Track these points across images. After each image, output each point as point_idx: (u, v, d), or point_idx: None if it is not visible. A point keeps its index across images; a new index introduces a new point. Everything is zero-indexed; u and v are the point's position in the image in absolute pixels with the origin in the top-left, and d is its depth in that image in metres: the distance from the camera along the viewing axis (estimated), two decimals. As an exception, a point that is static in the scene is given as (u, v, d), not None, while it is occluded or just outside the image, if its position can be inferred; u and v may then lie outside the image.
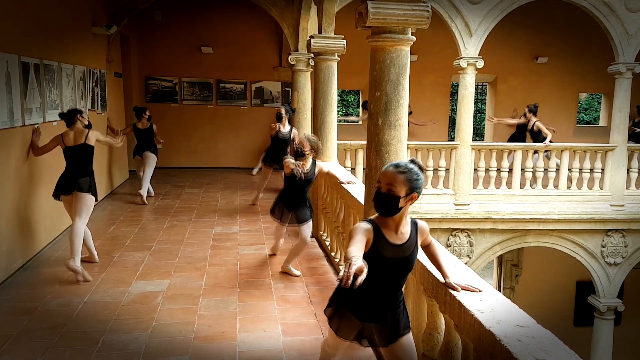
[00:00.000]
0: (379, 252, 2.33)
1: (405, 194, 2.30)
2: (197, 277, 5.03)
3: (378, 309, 2.48)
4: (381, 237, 2.34)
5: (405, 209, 2.35)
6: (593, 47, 11.51)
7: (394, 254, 2.36)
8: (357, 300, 2.47)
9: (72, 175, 5.07)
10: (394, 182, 2.29)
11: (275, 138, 8.01)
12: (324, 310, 2.66)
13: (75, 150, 5.14)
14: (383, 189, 2.32)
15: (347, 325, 2.53)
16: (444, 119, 12.75)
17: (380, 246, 2.33)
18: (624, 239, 8.98)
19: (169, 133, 11.28)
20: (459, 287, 2.53)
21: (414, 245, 2.43)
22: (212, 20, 11.65)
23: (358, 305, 2.48)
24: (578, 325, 11.76)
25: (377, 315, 2.48)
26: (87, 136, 5.16)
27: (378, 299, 2.46)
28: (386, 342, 2.51)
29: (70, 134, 5.17)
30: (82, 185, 5.01)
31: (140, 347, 3.64)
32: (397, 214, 2.34)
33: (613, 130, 8.97)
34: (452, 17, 8.42)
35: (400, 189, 2.29)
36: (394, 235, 2.38)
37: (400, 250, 2.38)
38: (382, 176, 2.35)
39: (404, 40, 3.52)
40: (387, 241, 2.35)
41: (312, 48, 6.32)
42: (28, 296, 4.54)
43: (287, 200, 5.15)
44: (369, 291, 2.37)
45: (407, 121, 3.80)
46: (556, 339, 2.02)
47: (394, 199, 2.29)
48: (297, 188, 5.07)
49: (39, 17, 5.86)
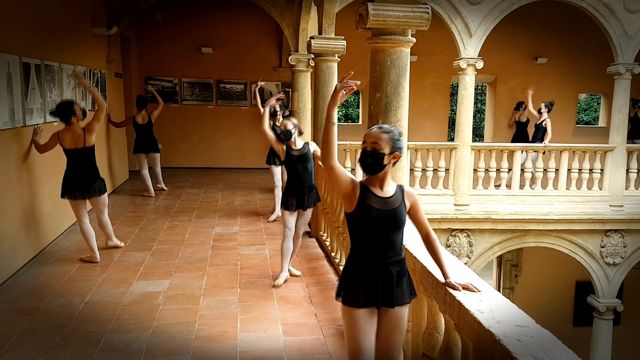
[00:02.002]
0: (366, 203, 2.53)
1: (389, 151, 2.51)
2: (197, 278, 5.05)
3: (376, 268, 2.55)
4: (367, 190, 2.56)
5: (388, 167, 2.55)
6: (592, 47, 11.54)
7: (381, 205, 2.54)
8: (357, 266, 2.59)
9: (82, 180, 5.24)
10: (379, 141, 2.51)
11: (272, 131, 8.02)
12: (335, 298, 2.70)
13: (76, 153, 5.17)
14: (368, 147, 2.53)
15: (354, 293, 2.58)
16: (444, 120, 12.76)
17: (366, 197, 2.54)
18: (623, 239, 8.99)
19: (169, 133, 11.31)
20: (460, 286, 2.55)
21: (400, 201, 2.59)
22: (212, 20, 11.66)
23: (358, 270, 2.58)
24: (577, 325, 11.77)
25: (376, 273, 2.55)
26: (86, 139, 5.18)
27: (373, 257, 2.55)
28: (390, 302, 2.57)
29: (67, 135, 5.17)
30: (97, 189, 5.41)
31: (142, 347, 3.66)
32: (381, 171, 2.54)
33: (612, 131, 8.99)
34: (451, 17, 8.44)
35: (385, 147, 2.51)
36: (379, 190, 2.58)
37: (386, 203, 2.56)
38: (367, 136, 2.56)
39: (404, 41, 3.54)
40: (372, 193, 2.56)
41: (312, 49, 6.34)
42: (29, 296, 4.55)
43: (294, 186, 5.00)
44: (364, 250, 2.57)
45: (407, 122, 3.81)
46: (555, 339, 2.03)
47: (380, 155, 2.50)
48: (299, 167, 4.97)
49: (40, 18, 5.87)
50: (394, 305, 2.58)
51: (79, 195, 5.28)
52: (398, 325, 2.66)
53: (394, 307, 2.59)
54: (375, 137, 2.52)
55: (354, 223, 2.60)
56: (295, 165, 5.01)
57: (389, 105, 3.59)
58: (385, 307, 2.59)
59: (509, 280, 12.22)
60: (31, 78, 5.46)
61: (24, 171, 5.36)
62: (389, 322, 2.64)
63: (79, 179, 5.25)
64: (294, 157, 5.00)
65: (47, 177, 5.78)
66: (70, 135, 5.17)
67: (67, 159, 5.22)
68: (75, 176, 5.23)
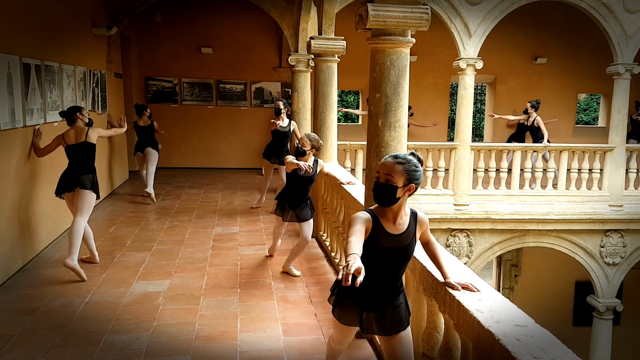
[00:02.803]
0: (377, 241, 2.38)
1: (403, 184, 2.34)
2: (197, 278, 5.06)
3: (377, 298, 2.52)
4: (379, 226, 2.39)
5: (403, 199, 2.39)
6: (592, 47, 11.55)
7: (392, 243, 2.41)
8: (357, 290, 2.48)
9: (74, 173, 5.08)
10: (392, 173, 2.34)
11: (275, 132, 8.07)
12: (328, 299, 2.71)
13: (76, 148, 5.15)
14: (381, 179, 2.37)
15: (348, 313, 2.58)
16: (444, 120, 12.77)
17: (378, 235, 2.39)
18: (623, 239, 9.00)
19: (169, 133, 11.29)
20: (459, 285, 2.55)
21: (412, 236, 2.47)
22: (212, 20, 11.67)
23: (358, 294, 2.51)
24: (577, 325, 11.78)
25: (376, 304, 2.52)
26: (88, 134, 5.18)
27: (376, 288, 2.50)
28: (386, 331, 2.55)
29: (70, 132, 5.18)
30: (85, 182, 5.03)
31: (142, 347, 3.66)
32: (394, 204, 2.38)
33: (612, 131, 9.00)
34: (451, 18, 8.45)
35: (398, 180, 2.33)
36: (391, 225, 2.42)
37: (398, 240, 2.42)
38: (381, 167, 2.40)
39: (403, 42, 3.55)
40: (385, 231, 2.40)
41: (312, 49, 6.34)
42: (29, 296, 4.56)
43: (289, 198, 5.16)
44: (368, 280, 2.39)
45: (407, 122, 3.82)
46: (554, 338, 2.04)
47: (392, 189, 2.34)
48: (299, 186, 5.10)
49: (40, 19, 5.88)
50: (390, 334, 2.56)
51: (68, 189, 5.07)
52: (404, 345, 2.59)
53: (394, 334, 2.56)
54: (389, 168, 2.35)
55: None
56: (297, 183, 5.09)
57: (388, 105, 3.60)
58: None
59: (508, 280, 12.23)
60: (31, 78, 5.47)
61: (24, 172, 5.36)
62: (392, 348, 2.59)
63: (73, 173, 5.08)
64: (299, 175, 5.04)
65: (47, 177, 5.78)
66: (74, 132, 5.18)
67: (68, 158, 5.19)
68: (70, 171, 5.11)
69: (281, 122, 7.93)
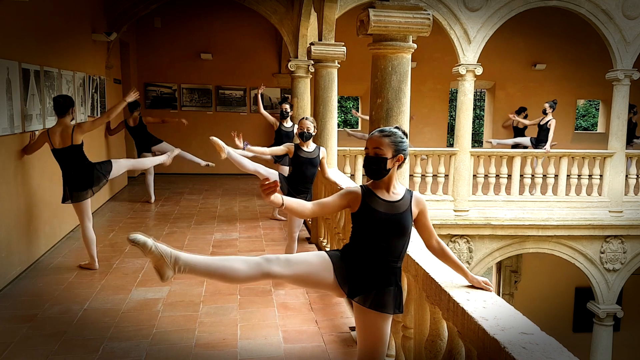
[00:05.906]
0: (372, 207, 2.48)
1: (392, 155, 2.46)
2: (197, 284, 5.02)
3: (369, 276, 2.49)
4: (372, 194, 2.51)
5: (393, 170, 2.50)
6: (591, 54, 11.58)
7: (386, 208, 2.49)
8: (354, 263, 2.51)
9: (80, 177, 5.15)
10: (380, 146, 2.46)
11: (278, 132, 8.15)
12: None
13: (63, 152, 5.09)
14: (371, 153, 2.49)
15: (341, 273, 2.52)
16: (443, 126, 12.78)
17: (371, 201, 2.49)
18: (623, 245, 8.99)
19: (168, 139, 11.23)
20: (482, 283, 2.57)
21: (407, 206, 2.52)
22: (211, 26, 11.68)
23: (353, 267, 2.50)
24: (577, 331, 11.75)
25: (366, 284, 2.49)
26: (73, 137, 5.09)
27: (371, 264, 2.49)
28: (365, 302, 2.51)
29: (57, 131, 5.06)
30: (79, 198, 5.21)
31: (141, 354, 3.62)
32: (385, 176, 2.48)
33: (611, 137, 9.01)
34: (451, 24, 8.47)
35: (387, 151, 2.45)
36: (386, 194, 2.52)
37: (392, 206, 2.49)
38: (369, 142, 2.51)
39: (405, 47, 3.54)
40: (378, 197, 2.50)
41: (312, 55, 6.34)
42: (27, 303, 4.52)
43: (292, 184, 5.20)
44: (363, 254, 2.49)
45: (408, 127, 3.81)
46: (560, 346, 2.01)
47: (382, 160, 2.45)
48: (303, 169, 5.16)
49: (40, 24, 5.87)
50: (365, 304, 2.50)
51: (82, 196, 5.17)
52: (362, 327, 2.57)
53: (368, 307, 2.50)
54: (377, 142, 2.47)
55: (356, 222, 2.57)
56: (301, 167, 5.16)
57: (390, 111, 3.59)
58: (357, 304, 2.54)
59: (508, 286, 12.20)
60: (30, 84, 5.45)
61: (23, 177, 5.33)
62: (357, 318, 2.59)
63: (76, 177, 5.11)
64: (301, 158, 5.13)
65: (45, 183, 5.75)
66: (60, 131, 5.06)
67: (58, 162, 5.13)
68: (72, 176, 5.11)
69: (285, 123, 8.10)
